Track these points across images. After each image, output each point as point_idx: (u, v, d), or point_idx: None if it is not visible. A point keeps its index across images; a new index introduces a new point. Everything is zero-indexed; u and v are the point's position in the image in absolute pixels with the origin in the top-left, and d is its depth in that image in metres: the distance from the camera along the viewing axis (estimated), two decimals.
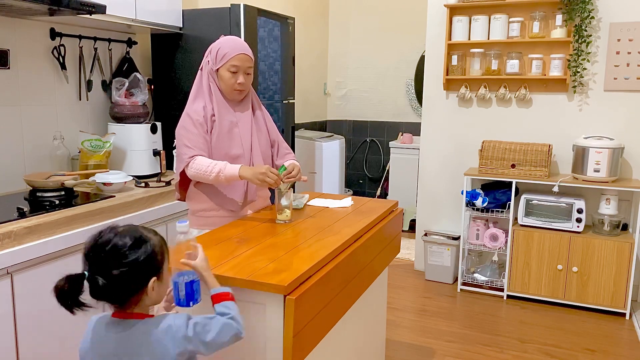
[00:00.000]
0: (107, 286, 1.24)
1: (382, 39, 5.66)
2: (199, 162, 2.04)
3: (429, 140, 4.10)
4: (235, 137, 2.14)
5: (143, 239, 1.29)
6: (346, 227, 2.04)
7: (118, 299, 1.29)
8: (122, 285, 1.25)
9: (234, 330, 1.33)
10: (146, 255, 1.27)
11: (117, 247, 1.25)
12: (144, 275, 1.27)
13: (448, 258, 3.92)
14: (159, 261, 1.31)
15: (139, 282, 1.27)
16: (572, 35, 3.48)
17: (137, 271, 1.26)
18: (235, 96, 2.13)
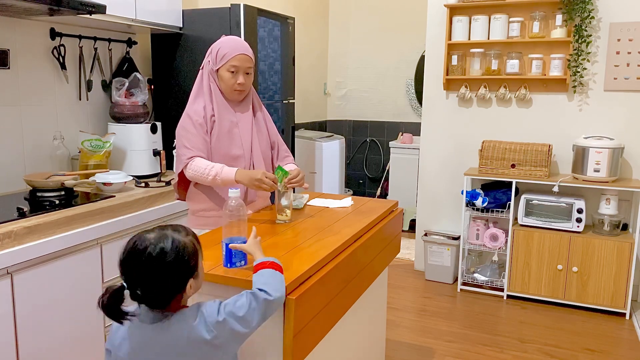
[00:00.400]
0: (146, 295, 1.27)
1: (382, 39, 5.66)
2: (197, 163, 2.05)
3: (429, 140, 4.10)
4: (236, 137, 2.14)
5: (175, 244, 1.28)
6: (346, 227, 2.04)
7: (158, 304, 1.30)
8: (160, 292, 1.27)
9: (261, 297, 1.32)
10: (181, 261, 1.28)
11: (151, 256, 1.25)
12: (180, 279, 1.29)
13: (448, 258, 3.92)
14: (195, 261, 1.32)
15: (177, 286, 1.29)
16: (572, 35, 3.48)
17: (173, 277, 1.27)
18: (235, 96, 2.13)
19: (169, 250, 1.27)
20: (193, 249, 1.32)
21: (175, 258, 1.27)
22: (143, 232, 1.32)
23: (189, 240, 1.32)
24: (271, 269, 1.40)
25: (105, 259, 2.34)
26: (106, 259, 2.34)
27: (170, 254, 1.26)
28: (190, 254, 1.30)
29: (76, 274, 2.20)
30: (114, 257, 2.37)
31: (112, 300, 1.25)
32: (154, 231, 1.31)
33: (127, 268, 1.27)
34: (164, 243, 1.27)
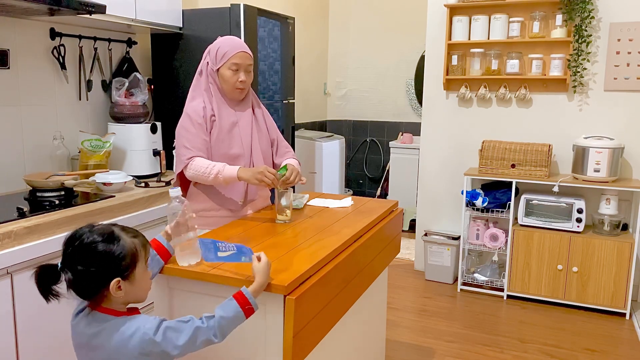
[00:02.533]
0: (72, 280, 1.28)
1: (382, 39, 5.66)
2: (198, 163, 2.04)
3: (429, 140, 4.10)
4: (236, 136, 2.14)
5: (114, 238, 1.29)
6: (346, 227, 2.04)
7: (83, 294, 1.31)
8: (84, 282, 1.28)
9: (204, 336, 1.32)
10: (109, 256, 1.28)
11: (84, 243, 1.28)
12: (104, 274, 1.28)
13: (448, 258, 3.92)
14: (128, 263, 1.30)
15: (100, 282, 1.28)
16: (572, 35, 3.48)
17: (96, 269, 1.27)
18: (236, 95, 2.13)
19: (101, 241, 1.28)
20: (131, 250, 1.31)
21: (104, 251, 1.27)
22: (94, 223, 1.35)
23: (130, 242, 1.31)
24: (242, 311, 1.36)
25: None
26: None
27: (101, 245, 1.27)
28: (125, 253, 1.29)
29: None
30: None
31: (42, 276, 1.29)
32: (103, 224, 1.34)
33: (64, 250, 1.30)
34: (100, 235, 1.29)
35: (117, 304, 1.33)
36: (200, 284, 1.58)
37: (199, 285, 1.58)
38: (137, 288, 1.34)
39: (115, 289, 1.28)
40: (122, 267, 1.29)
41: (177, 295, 1.64)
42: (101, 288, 1.29)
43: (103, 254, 1.27)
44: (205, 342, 1.33)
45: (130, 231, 1.35)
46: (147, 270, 1.38)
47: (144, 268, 1.35)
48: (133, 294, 1.34)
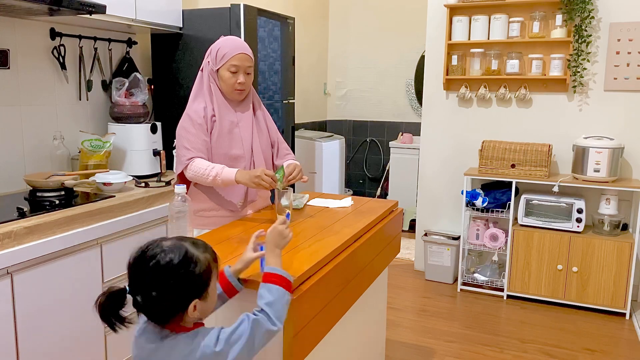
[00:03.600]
0: (146, 305, 1.17)
1: (382, 39, 5.66)
2: (197, 164, 2.05)
3: (429, 140, 4.10)
4: (236, 137, 2.14)
5: (189, 257, 1.18)
6: (346, 227, 2.04)
7: (157, 318, 1.21)
8: (160, 306, 1.17)
9: (263, 328, 1.25)
10: (188, 277, 1.18)
11: (158, 264, 1.16)
12: (184, 296, 1.18)
13: (448, 258, 3.92)
14: (204, 281, 1.21)
15: (179, 304, 1.18)
16: (572, 35, 3.48)
17: (176, 293, 1.17)
18: (236, 96, 2.13)
19: (178, 262, 1.17)
20: (206, 267, 1.21)
21: (183, 273, 1.17)
22: (161, 238, 1.23)
23: (204, 258, 1.21)
24: (281, 287, 1.29)
25: (105, 259, 2.34)
26: (106, 259, 2.34)
27: (179, 266, 1.16)
28: (201, 272, 1.19)
29: (76, 274, 2.20)
30: (114, 257, 2.38)
31: (109, 303, 1.17)
32: (171, 239, 1.22)
33: (133, 272, 1.19)
34: (175, 254, 1.18)
35: (188, 321, 1.23)
36: None
37: None
38: (209, 304, 1.25)
39: (193, 310, 1.19)
40: (199, 287, 1.20)
41: None
42: (179, 312, 1.19)
43: (182, 276, 1.17)
44: (266, 333, 1.25)
45: (200, 245, 1.24)
46: (216, 284, 1.29)
47: (215, 283, 1.27)
48: (204, 311, 1.26)
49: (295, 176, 2.08)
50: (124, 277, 1.21)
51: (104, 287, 2.34)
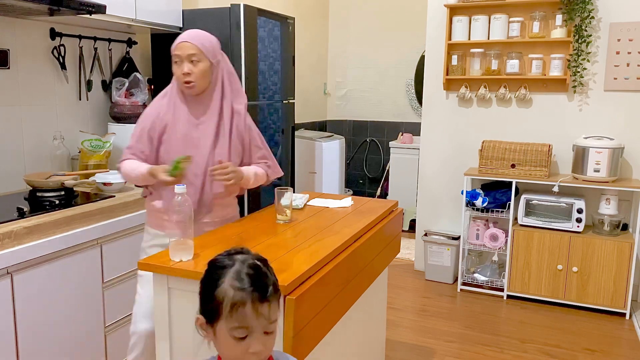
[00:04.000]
0: None
1: (382, 39, 5.66)
2: (127, 165, 1.99)
3: (429, 140, 4.10)
4: (189, 142, 1.98)
5: (215, 268, 1.10)
6: (346, 227, 2.04)
7: None
8: None
9: None
10: (208, 294, 1.09)
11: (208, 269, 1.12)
12: (200, 306, 1.11)
13: (448, 258, 3.92)
14: (212, 306, 1.07)
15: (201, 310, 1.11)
16: (572, 35, 3.48)
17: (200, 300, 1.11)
18: (186, 90, 1.98)
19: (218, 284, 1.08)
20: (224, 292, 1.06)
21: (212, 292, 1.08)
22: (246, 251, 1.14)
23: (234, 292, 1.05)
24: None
25: (105, 259, 2.34)
26: (106, 259, 2.34)
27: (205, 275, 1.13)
28: (220, 303, 1.06)
29: (76, 274, 2.20)
30: (114, 257, 2.38)
31: None
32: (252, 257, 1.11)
33: None
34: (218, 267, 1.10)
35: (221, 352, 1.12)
36: None
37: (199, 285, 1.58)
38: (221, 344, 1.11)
39: (196, 323, 1.13)
40: (208, 308, 1.11)
41: (176, 296, 1.64)
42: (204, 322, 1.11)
43: (210, 284, 1.11)
44: None
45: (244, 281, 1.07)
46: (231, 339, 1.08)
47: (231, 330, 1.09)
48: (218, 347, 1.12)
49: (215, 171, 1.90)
50: (124, 277, 1.19)
51: (104, 287, 2.34)
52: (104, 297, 2.35)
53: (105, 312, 2.37)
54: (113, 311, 2.41)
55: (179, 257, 1.65)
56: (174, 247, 1.65)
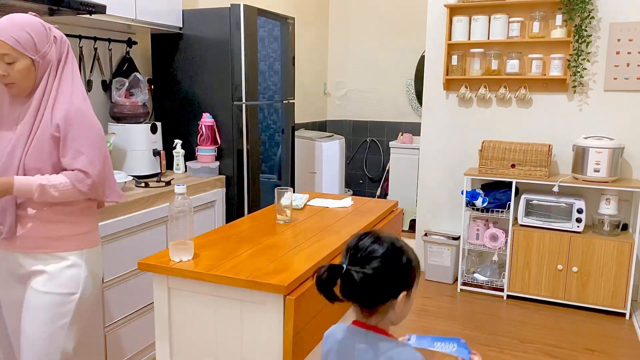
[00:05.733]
0: (360, 282, 1.17)
1: (382, 39, 5.66)
2: None
3: (429, 140, 4.10)
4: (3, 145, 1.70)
5: (403, 250, 1.23)
6: (346, 227, 2.04)
7: (367, 301, 1.23)
8: (374, 286, 1.19)
9: None
10: (403, 266, 1.22)
11: (376, 249, 1.20)
12: (396, 284, 1.21)
13: (448, 258, 3.92)
14: (412, 277, 1.24)
15: (391, 290, 1.21)
16: (572, 35, 3.48)
17: (391, 277, 1.20)
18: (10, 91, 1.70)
19: (405, 252, 1.23)
20: (417, 266, 1.26)
21: (406, 261, 1.22)
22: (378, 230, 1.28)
23: (415, 258, 1.26)
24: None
25: (106, 259, 2.34)
26: (106, 258, 2.34)
27: (405, 256, 1.22)
28: (413, 266, 1.24)
29: None
30: (114, 257, 2.38)
31: (329, 277, 1.19)
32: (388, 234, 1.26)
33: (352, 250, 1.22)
34: (394, 242, 1.23)
35: (386, 321, 1.26)
36: (200, 284, 1.58)
37: (199, 285, 1.58)
38: (407, 307, 1.26)
39: (401, 302, 1.21)
40: (409, 280, 1.24)
41: (176, 295, 1.64)
42: (388, 298, 1.21)
43: (403, 263, 1.22)
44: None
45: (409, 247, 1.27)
46: None
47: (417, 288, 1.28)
48: (403, 311, 1.26)
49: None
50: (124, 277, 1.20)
51: (104, 287, 2.34)
52: (104, 297, 2.35)
53: (105, 312, 2.37)
54: (113, 311, 2.41)
55: (178, 257, 1.65)
56: (174, 247, 1.65)
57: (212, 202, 3.08)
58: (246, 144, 3.21)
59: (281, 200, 2.09)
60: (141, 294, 2.57)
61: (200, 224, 2.98)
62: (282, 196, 2.09)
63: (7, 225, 1.70)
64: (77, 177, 1.67)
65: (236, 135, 3.17)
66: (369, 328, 1.26)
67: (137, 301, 2.55)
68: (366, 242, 1.21)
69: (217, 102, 3.17)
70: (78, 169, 1.67)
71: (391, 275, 1.20)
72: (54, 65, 1.71)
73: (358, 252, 1.20)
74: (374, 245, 1.21)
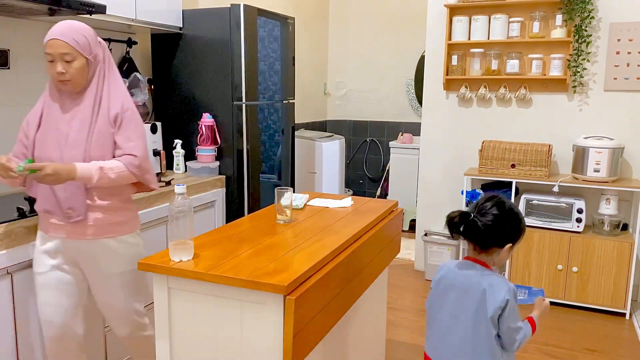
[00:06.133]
0: (482, 228, 1.65)
1: (382, 39, 5.66)
2: None
3: (429, 140, 4.10)
4: (55, 137, 1.89)
5: (516, 213, 1.71)
6: (346, 227, 2.04)
7: (482, 242, 1.69)
8: (490, 233, 1.66)
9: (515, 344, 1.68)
10: (514, 225, 1.69)
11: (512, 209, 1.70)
12: (506, 236, 1.68)
13: (448, 258, 3.92)
14: (518, 235, 1.70)
15: (501, 239, 1.68)
16: (572, 35, 3.48)
17: (503, 230, 1.67)
18: (61, 87, 1.91)
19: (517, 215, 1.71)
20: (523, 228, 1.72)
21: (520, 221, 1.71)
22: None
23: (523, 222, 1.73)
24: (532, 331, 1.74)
25: None
26: None
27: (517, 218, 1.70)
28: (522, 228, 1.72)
29: None
30: None
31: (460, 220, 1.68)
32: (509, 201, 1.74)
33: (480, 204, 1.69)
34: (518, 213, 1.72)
35: (490, 261, 1.72)
36: (200, 284, 1.58)
37: (199, 285, 1.58)
38: (506, 256, 1.72)
39: (506, 251, 1.68)
40: (518, 237, 1.71)
41: (176, 295, 1.64)
42: (498, 245, 1.68)
43: (517, 222, 1.70)
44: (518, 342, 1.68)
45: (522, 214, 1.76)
46: None
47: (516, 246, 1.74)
48: (502, 259, 1.72)
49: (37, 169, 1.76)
50: None
51: None
52: None
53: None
54: None
55: (179, 257, 1.65)
56: (174, 247, 1.65)
57: (212, 202, 3.08)
58: (246, 144, 3.20)
59: (281, 200, 2.09)
60: None
61: (200, 224, 2.98)
62: (282, 196, 2.09)
63: (77, 210, 1.90)
64: (128, 159, 1.92)
65: (236, 135, 3.17)
66: (477, 262, 1.72)
67: None
68: (491, 203, 1.68)
69: (217, 102, 3.17)
70: (128, 153, 1.92)
71: (504, 228, 1.67)
72: (101, 65, 1.97)
73: (484, 207, 1.68)
74: (497, 205, 1.68)
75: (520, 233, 1.71)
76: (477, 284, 1.66)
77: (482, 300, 1.65)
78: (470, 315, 1.67)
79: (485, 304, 1.64)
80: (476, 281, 1.67)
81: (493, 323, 1.65)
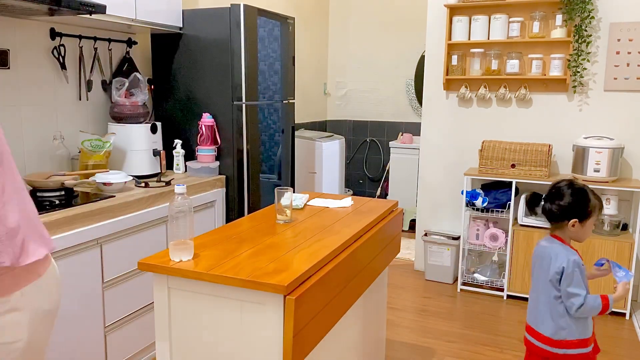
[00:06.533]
0: (550, 209, 1.99)
1: (382, 39, 5.66)
2: None
3: (429, 140, 4.10)
4: None
5: (585, 193, 1.97)
6: (346, 227, 2.04)
7: (549, 217, 2.01)
8: (555, 212, 1.98)
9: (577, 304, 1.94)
10: (577, 203, 1.95)
11: (568, 184, 1.99)
12: (572, 213, 1.95)
13: (448, 258, 3.92)
14: (586, 212, 1.96)
15: (567, 215, 1.96)
16: (572, 35, 3.48)
17: (571, 208, 1.96)
18: None
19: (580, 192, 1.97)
20: (593, 206, 1.96)
21: (577, 199, 1.96)
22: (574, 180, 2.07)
23: (594, 201, 1.97)
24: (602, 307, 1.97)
25: (105, 259, 2.34)
26: (106, 259, 2.34)
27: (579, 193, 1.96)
28: (589, 204, 1.96)
29: (76, 274, 2.20)
30: (114, 257, 2.38)
31: (532, 200, 2.06)
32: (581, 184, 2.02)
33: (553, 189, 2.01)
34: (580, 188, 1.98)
35: (565, 235, 2.00)
36: (200, 284, 1.58)
37: (199, 285, 1.58)
38: (581, 233, 1.99)
39: (570, 225, 1.95)
40: (583, 213, 1.95)
41: (176, 295, 1.64)
42: (565, 219, 1.96)
43: (581, 200, 1.96)
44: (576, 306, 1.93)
45: (596, 194, 2.00)
46: (592, 226, 2.01)
47: (592, 223, 1.99)
48: (577, 234, 1.99)
49: None
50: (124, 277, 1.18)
51: (104, 287, 2.34)
52: (104, 297, 2.35)
53: (105, 312, 2.37)
54: (113, 311, 2.41)
55: (178, 257, 1.65)
56: (174, 247, 1.65)
57: (212, 202, 3.08)
58: (246, 144, 3.21)
59: (281, 200, 2.09)
60: (141, 294, 2.57)
61: (200, 224, 2.98)
62: (282, 196, 2.09)
63: None
64: None
65: (236, 135, 3.17)
66: (554, 237, 2.02)
67: (137, 301, 2.55)
68: (562, 183, 2.00)
69: (217, 102, 3.17)
70: None
71: (570, 205, 1.96)
72: None
73: (554, 187, 2.01)
74: (565, 184, 1.99)
75: (588, 212, 1.95)
76: (548, 253, 1.99)
77: (548, 266, 1.97)
78: (542, 279, 2.00)
79: (549, 269, 1.96)
80: (547, 251, 1.99)
81: (553, 285, 1.95)
